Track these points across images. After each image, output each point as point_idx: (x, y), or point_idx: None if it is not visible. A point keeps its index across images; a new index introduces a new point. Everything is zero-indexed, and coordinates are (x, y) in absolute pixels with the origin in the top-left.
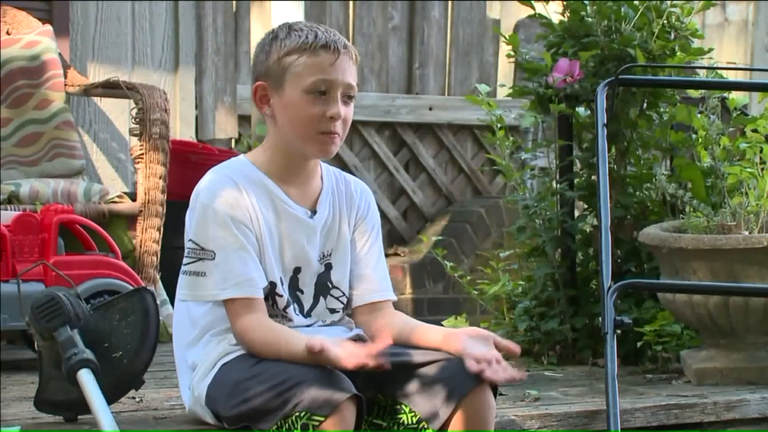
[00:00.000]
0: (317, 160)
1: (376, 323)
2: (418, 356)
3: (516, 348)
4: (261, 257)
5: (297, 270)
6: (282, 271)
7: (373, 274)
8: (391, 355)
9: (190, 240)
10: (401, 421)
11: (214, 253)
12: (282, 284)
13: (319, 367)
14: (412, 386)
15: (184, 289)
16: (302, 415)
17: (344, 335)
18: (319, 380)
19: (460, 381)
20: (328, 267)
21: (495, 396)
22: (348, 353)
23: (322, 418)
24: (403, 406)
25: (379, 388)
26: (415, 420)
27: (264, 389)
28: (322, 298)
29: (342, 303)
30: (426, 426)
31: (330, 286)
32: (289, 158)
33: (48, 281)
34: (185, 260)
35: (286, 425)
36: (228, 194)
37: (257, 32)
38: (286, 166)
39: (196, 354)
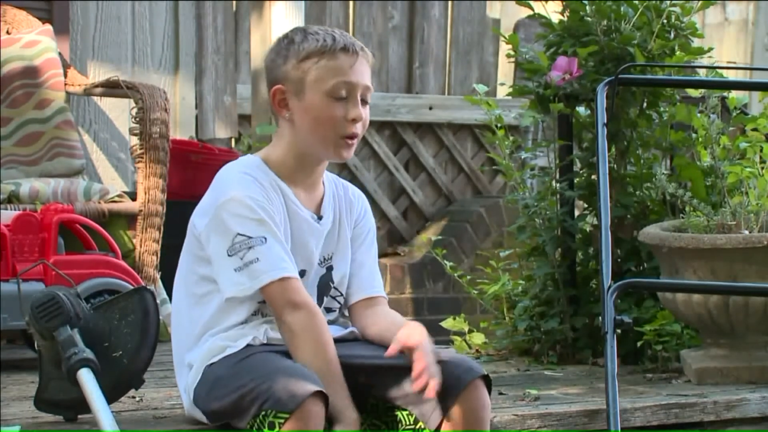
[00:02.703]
0: (325, 165)
1: (370, 320)
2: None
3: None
4: None
5: (302, 273)
6: None
7: (366, 274)
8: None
9: (238, 234)
10: (398, 422)
11: (265, 238)
12: None
13: (288, 363)
14: (407, 387)
15: (247, 281)
16: (269, 413)
17: (337, 333)
18: (285, 377)
19: (454, 380)
20: (329, 269)
21: (489, 394)
22: None
23: (286, 415)
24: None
25: (374, 389)
26: (412, 420)
27: (237, 386)
28: (325, 297)
29: (339, 303)
30: (423, 426)
31: (331, 285)
32: (302, 161)
33: (48, 280)
34: (234, 259)
35: (257, 424)
36: (256, 188)
37: (257, 32)
38: (299, 169)
39: (194, 355)
